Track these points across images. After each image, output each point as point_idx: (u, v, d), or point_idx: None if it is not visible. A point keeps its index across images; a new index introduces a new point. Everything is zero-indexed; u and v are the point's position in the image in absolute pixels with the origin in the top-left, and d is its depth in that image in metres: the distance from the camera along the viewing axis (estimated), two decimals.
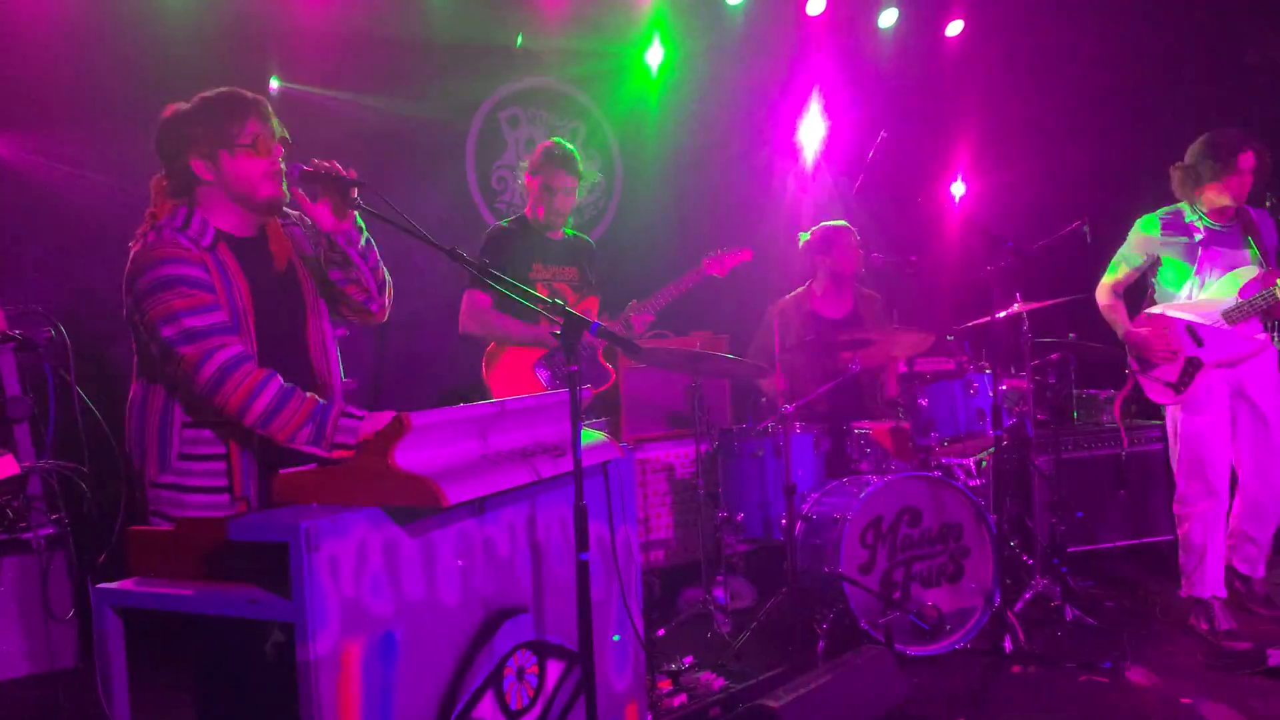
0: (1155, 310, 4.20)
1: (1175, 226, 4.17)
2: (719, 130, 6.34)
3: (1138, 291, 4.36)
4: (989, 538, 4.13)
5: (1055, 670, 3.77)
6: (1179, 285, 4.17)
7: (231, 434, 2.34)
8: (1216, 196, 4.08)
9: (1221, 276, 4.09)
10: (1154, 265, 4.24)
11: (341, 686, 1.85)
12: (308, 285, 2.58)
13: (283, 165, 2.44)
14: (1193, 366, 4.07)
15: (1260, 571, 4.26)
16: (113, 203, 4.28)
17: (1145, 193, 4.38)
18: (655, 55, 6.14)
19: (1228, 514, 4.17)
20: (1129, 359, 4.27)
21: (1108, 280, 4.34)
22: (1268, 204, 4.32)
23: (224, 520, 1.93)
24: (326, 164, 2.42)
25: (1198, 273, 4.11)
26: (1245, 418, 4.13)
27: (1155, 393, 4.19)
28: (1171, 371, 4.11)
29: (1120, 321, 4.27)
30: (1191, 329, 4.08)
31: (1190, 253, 4.13)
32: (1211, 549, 4.06)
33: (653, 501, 4.97)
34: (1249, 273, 4.05)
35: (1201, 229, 4.12)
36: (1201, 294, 4.11)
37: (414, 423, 1.98)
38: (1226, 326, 4.04)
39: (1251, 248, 4.08)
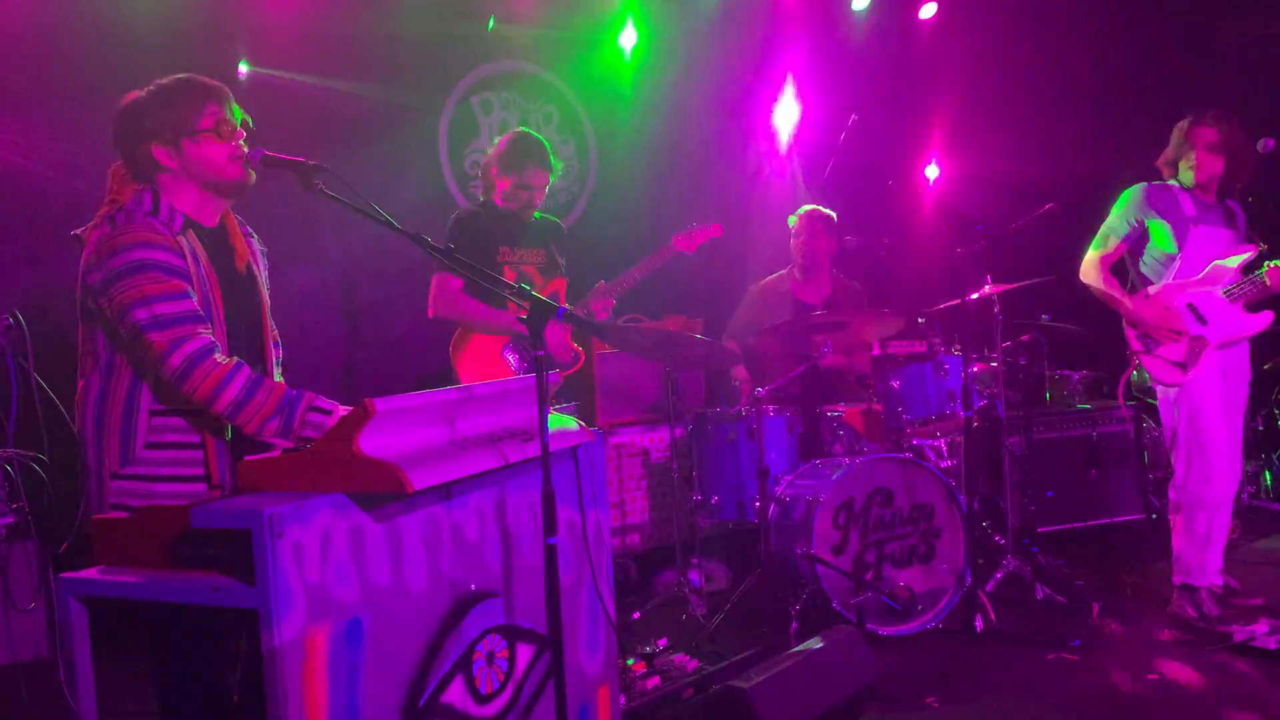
0: (1154, 289, 4.09)
1: (1165, 199, 4.08)
2: (693, 113, 6.33)
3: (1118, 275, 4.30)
4: (960, 518, 4.16)
5: (1026, 649, 3.82)
6: (1167, 263, 4.07)
7: (205, 421, 2.31)
8: (1189, 175, 4.06)
9: (1214, 254, 4.02)
10: (1140, 240, 4.13)
11: (307, 673, 1.84)
12: (262, 294, 2.58)
13: (245, 148, 2.42)
14: (1199, 345, 3.98)
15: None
16: (73, 191, 4.24)
17: (1118, 174, 4.38)
18: (628, 38, 6.12)
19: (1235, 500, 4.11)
20: (1131, 339, 4.14)
21: (1095, 255, 4.19)
22: (1249, 199, 4.32)
23: (187, 508, 1.91)
24: None
25: (1184, 249, 4.03)
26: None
27: (1162, 372, 4.05)
28: (1178, 350, 4.00)
29: (1120, 299, 4.13)
30: (1193, 307, 4.00)
31: (1180, 228, 4.03)
32: (1215, 537, 3.97)
33: (628, 486, 4.98)
34: (1244, 249, 4.01)
35: (1190, 205, 4.05)
36: (1194, 270, 4.02)
37: (379, 408, 1.97)
38: (1228, 303, 3.98)
39: (1237, 228, 4.07)
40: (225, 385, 2.22)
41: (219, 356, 2.24)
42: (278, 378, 2.79)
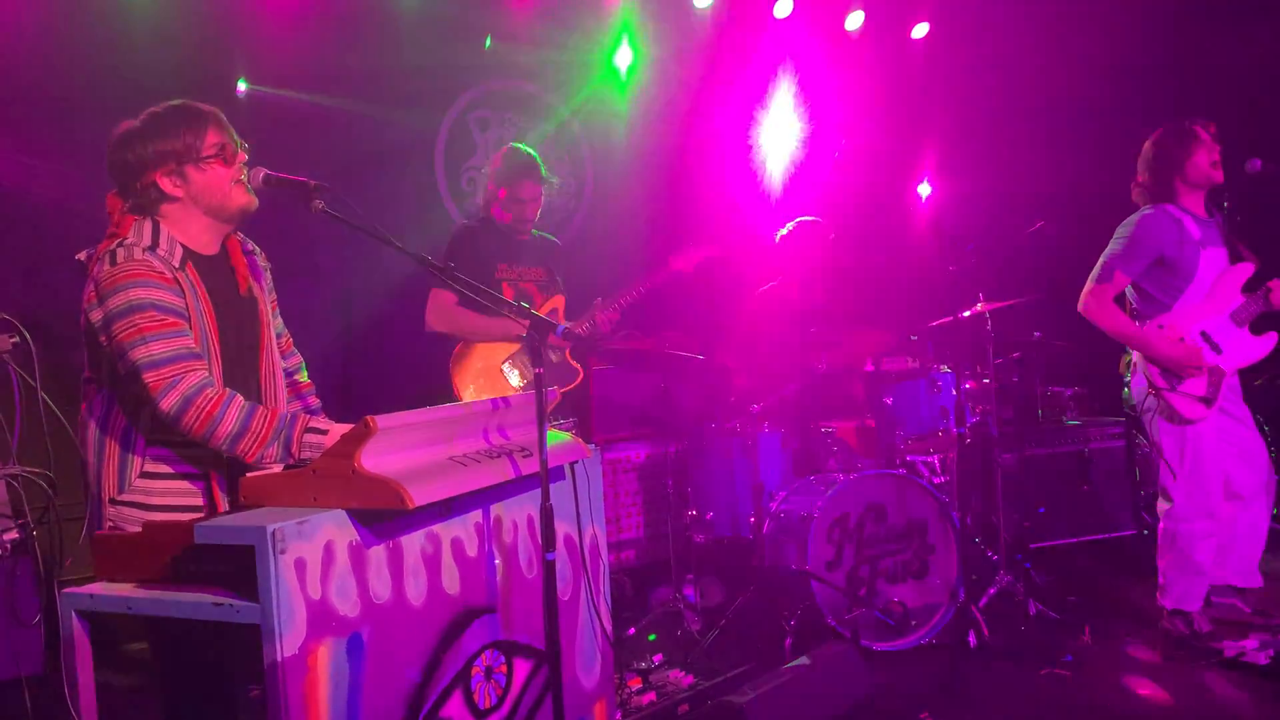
0: (1166, 319, 3.91)
1: (1172, 226, 3.88)
2: (688, 131, 6.38)
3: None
4: (953, 534, 4.19)
5: (1018, 664, 3.83)
6: (1178, 291, 3.90)
7: (205, 453, 2.33)
8: (1196, 179, 3.91)
9: (1216, 275, 3.91)
10: (1146, 271, 3.92)
11: (308, 688, 1.86)
12: (263, 314, 2.58)
13: (246, 173, 2.44)
14: (1217, 375, 3.85)
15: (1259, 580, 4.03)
16: (78, 205, 4.25)
17: (1110, 192, 4.41)
18: (624, 57, 6.17)
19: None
20: (1155, 376, 3.89)
21: (1099, 289, 3.94)
22: (1224, 206, 4.32)
23: (190, 524, 1.94)
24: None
25: (1196, 275, 3.88)
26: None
27: (1187, 409, 3.85)
28: (1199, 385, 3.84)
29: (1141, 338, 3.91)
30: (1207, 335, 3.88)
31: (1191, 254, 3.87)
32: (1210, 569, 3.90)
33: (623, 501, 5.00)
34: (1244, 269, 3.93)
35: (1195, 227, 3.91)
36: (1203, 297, 3.90)
37: (380, 425, 1.99)
38: (1236, 327, 3.90)
39: (1230, 243, 3.98)
40: (220, 419, 2.23)
41: (211, 391, 2.25)
42: (304, 377, 2.83)
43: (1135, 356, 4.03)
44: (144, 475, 2.34)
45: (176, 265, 2.34)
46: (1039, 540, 5.09)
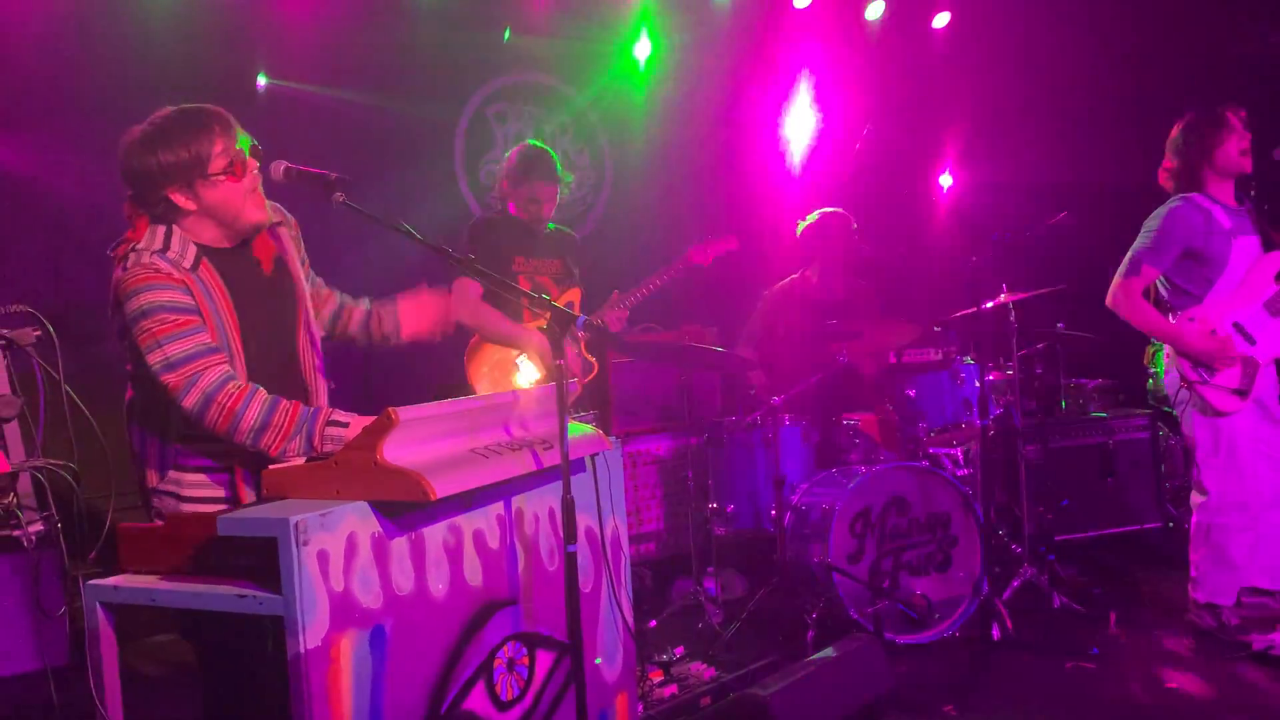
0: (1197, 311, 3.85)
1: (1203, 217, 3.81)
2: (707, 123, 6.36)
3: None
4: (976, 527, 4.16)
5: (1043, 657, 3.81)
6: (1209, 283, 3.84)
7: (229, 447, 2.34)
8: (1225, 166, 3.85)
9: (1249, 265, 3.84)
10: (1176, 263, 3.86)
11: (332, 679, 1.86)
12: (298, 290, 2.57)
13: (260, 181, 2.42)
14: (1251, 366, 3.78)
15: None
16: (99, 200, 4.28)
17: (1133, 181, 4.36)
18: (643, 49, 6.15)
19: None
20: (1185, 370, 3.84)
21: (1128, 283, 3.88)
22: (1250, 194, 4.25)
23: (213, 516, 1.94)
24: None
25: (1228, 266, 3.81)
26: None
27: (1221, 401, 3.80)
28: (1233, 376, 3.78)
29: (1172, 332, 3.86)
30: (1240, 326, 3.81)
31: (1222, 245, 3.80)
32: (1244, 565, 3.81)
33: (643, 494, 4.99)
34: (1277, 257, 3.85)
35: (1225, 217, 3.84)
36: (1235, 288, 3.83)
37: (402, 418, 1.99)
38: (1270, 317, 3.82)
39: (1264, 231, 3.91)
40: (242, 414, 2.24)
41: (233, 386, 2.25)
42: (353, 300, 2.91)
43: (1166, 349, 3.98)
44: (176, 467, 2.38)
45: (188, 267, 2.34)
46: (1063, 533, 5.04)
